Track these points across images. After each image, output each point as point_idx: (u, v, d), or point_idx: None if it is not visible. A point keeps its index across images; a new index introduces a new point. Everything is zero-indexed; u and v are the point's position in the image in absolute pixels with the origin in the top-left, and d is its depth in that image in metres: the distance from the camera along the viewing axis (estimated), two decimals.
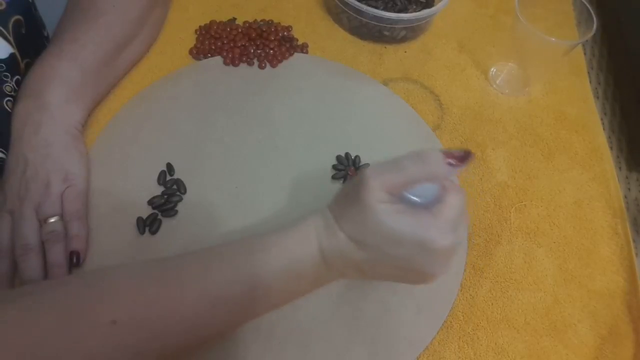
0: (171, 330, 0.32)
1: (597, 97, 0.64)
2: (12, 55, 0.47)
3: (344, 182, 0.50)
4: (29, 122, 0.44)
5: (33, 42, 0.52)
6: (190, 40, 0.60)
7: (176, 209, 0.47)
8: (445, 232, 0.32)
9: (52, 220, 0.42)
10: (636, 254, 0.50)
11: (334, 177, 0.50)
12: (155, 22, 0.58)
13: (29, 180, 0.42)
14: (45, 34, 0.59)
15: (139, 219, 0.45)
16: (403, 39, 0.63)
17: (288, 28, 0.62)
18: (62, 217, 0.43)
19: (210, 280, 0.33)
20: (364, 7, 0.57)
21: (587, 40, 0.66)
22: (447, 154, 0.33)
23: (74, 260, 0.42)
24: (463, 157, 0.33)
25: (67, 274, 0.41)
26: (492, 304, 0.45)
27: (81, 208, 0.44)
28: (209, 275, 0.34)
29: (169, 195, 0.47)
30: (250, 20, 0.62)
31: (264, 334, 0.41)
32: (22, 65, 0.49)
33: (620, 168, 0.58)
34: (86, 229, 0.44)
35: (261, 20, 0.62)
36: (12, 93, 0.47)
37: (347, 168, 0.51)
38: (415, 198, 0.34)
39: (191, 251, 0.36)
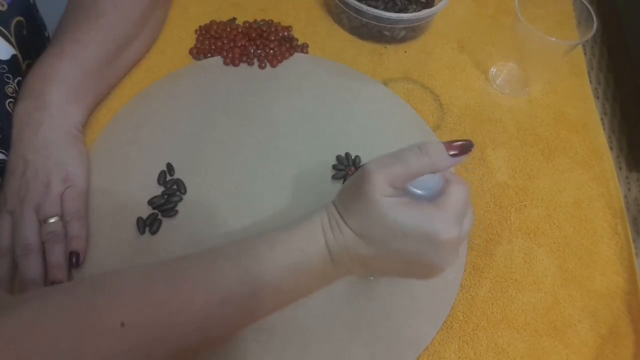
0: (180, 331, 0.32)
1: (597, 97, 0.64)
2: (14, 57, 0.47)
3: (344, 182, 0.50)
4: (29, 122, 0.44)
5: (34, 43, 0.52)
6: (190, 40, 0.60)
7: (176, 209, 0.47)
8: (450, 224, 0.32)
9: (52, 220, 0.42)
10: (636, 254, 0.50)
11: (334, 177, 0.50)
12: (156, 23, 0.58)
13: (29, 180, 0.42)
14: (47, 34, 0.59)
15: (139, 219, 0.45)
16: (403, 39, 0.63)
17: (288, 28, 0.62)
18: (62, 217, 0.43)
19: (217, 280, 0.33)
20: (364, 7, 0.57)
21: (587, 40, 0.66)
22: (448, 145, 0.34)
23: (74, 261, 0.42)
24: (464, 147, 0.34)
25: (67, 274, 0.41)
26: (492, 304, 0.45)
27: (81, 208, 0.44)
28: (216, 276, 0.33)
29: (169, 195, 0.47)
30: (250, 20, 0.62)
31: (265, 333, 0.41)
32: (23, 66, 0.49)
33: (620, 168, 0.58)
34: (86, 229, 0.44)
35: (261, 20, 0.62)
36: (14, 94, 0.47)
37: (347, 168, 0.51)
38: (418, 191, 0.34)
39: (196, 252, 0.35)
